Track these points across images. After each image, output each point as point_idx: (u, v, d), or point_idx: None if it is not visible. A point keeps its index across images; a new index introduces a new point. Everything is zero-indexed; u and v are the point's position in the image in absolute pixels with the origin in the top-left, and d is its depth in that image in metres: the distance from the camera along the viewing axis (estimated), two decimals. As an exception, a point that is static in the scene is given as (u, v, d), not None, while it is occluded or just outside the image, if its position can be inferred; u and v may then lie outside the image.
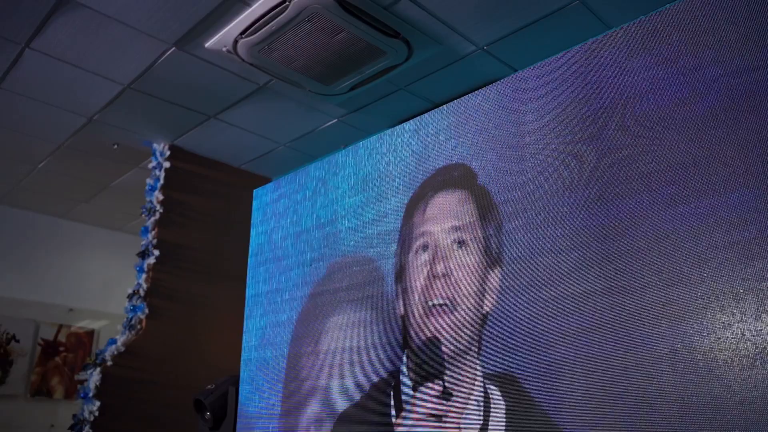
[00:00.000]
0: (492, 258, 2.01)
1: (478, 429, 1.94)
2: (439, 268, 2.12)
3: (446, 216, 2.24)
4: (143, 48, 3.72)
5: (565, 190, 1.91)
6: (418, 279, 2.22)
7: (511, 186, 2.04)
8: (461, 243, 2.10)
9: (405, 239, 2.37)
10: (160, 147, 4.94)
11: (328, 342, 2.65)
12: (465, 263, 2.07)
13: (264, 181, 5.42)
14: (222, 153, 5.10)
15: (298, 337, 2.86)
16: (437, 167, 2.45)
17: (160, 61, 3.84)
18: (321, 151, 4.98)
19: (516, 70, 3.90)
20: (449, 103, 2.59)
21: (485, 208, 2.09)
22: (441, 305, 2.11)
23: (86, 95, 4.25)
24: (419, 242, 2.27)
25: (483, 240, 2.05)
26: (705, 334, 1.53)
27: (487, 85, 3.93)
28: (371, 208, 2.70)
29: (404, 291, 2.31)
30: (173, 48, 3.71)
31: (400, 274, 2.35)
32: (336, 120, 4.54)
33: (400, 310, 2.31)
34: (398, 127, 2.77)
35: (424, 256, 2.21)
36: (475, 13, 3.37)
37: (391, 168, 2.70)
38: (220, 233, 5.04)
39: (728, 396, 1.45)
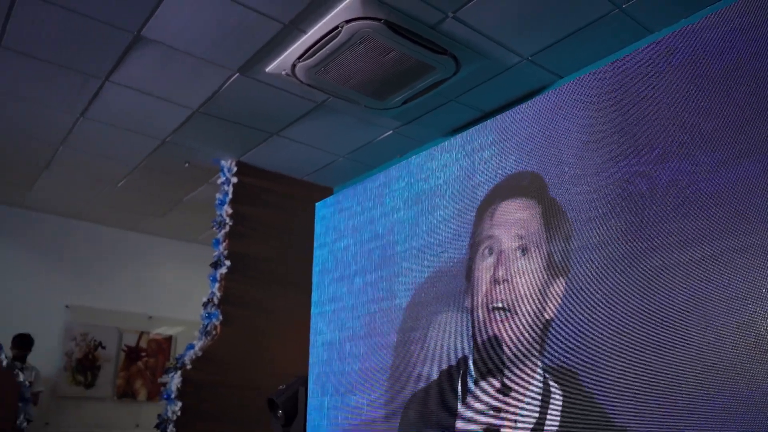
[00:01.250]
0: (556, 267, 2.12)
1: (533, 423, 2.10)
2: (501, 272, 2.25)
3: (512, 222, 2.36)
4: (210, 75, 4.02)
5: (630, 207, 2.00)
6: (482, 281, 2.37)
7: (579, 201, 2.14)
8: (524, 250, 2.22)
9: (474, 241, 2.51)
10: (228, 164, 5.27)
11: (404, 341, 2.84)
12: (526, 270, 2.20)
13: (326, 191, 5.69)
14: (286, 167, 5.39)
15: (371, 347, 3.05)
16: (481, 180, 2.62)
17: (225, 86, 4.13)
18: (379, 160, 5.20)
19: (562, 77, 4.02)
20: (493, 118, 2.75)
21: (552, 219, 2.20)
22: (501, 309, 2.25)
23: (160, 120, 4.60)
24: (485, 245, 2.41)
25: (547, 249, 2.16)
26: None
27: (534, 92, 4.11)
28: (424, 220, 2.89)
29: (471, 289, 2.46)
30: (237, 74, 4.00)
31: (469, 273, 2.49)
32: (391, 132, 4.75)
33: (468, 306, 2.46)
34: (446, 142, 2.95)
35: (489, 260, 2.35)
36: (518, 27, 3.52)
37: (440, 182, 2.88)
38: (286, 242, 5.32)
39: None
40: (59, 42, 3.72)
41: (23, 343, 5.54)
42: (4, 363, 3.87)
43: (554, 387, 2.07)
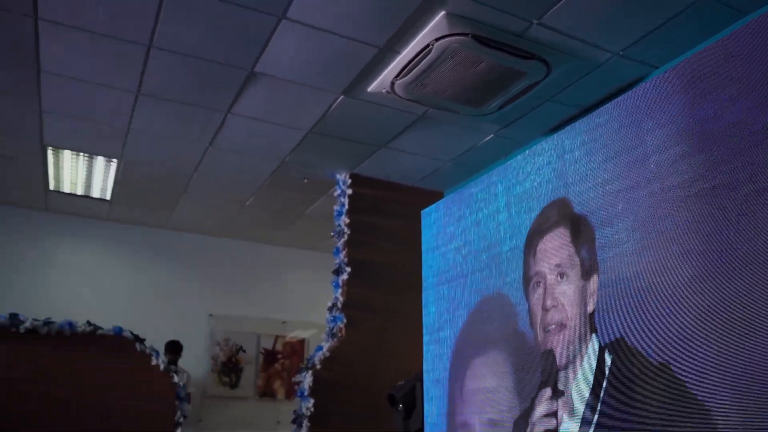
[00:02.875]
0: (589, 270, 2.45)
1: (582, 412, 2.38)
2: (548, 302, 2.66)
3: (549, 256, 2.73)
4: (317, 99, 4.39)
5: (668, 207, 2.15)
6: (536, 310, 2.78)
7: (618, 210, 2.34)
8: (563, 275, 2.61)
9: (526, 276, 2.89)
10: (343, 177, 5.64)
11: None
12: (567, 292, 2.57)
13: (437, 195, 5.92)
14: (396, 175, 5.69)
15: (478, 343, 3.28)
16: (572, 181, 2.76)
17: (332, 107, 4.49)
18: (484, 163, 5.38)
19: (657, 67, 4.02)
20: (581, 120, 2.88)
21: (579, 235, 2.54)
22: (554, 328, 2.62)
23: (278, 143, 5.05)
24: (534, 280, 2.81)
25: (579, 263, 2.51)
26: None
27: (632, 84, 4.13)
28: (522, 221, 3.06)
29: (530, 317, 2.84)
30: (342, 96, 4.34)
31: (527, 299, 2.86)
32: (492, 135, 4.91)
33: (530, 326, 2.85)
34: (538, 145, 3.10)
35: (539, 291, 2.76)
36: (604, 25, 3.59)
37: (535, 184, 3.04)
38: (402, 246, 5.60)
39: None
40: (186, 84, 4.23)
41: (174, 349, 6.23)
42: (162, 366, 4.43)
43: (601, 372, 2.33)
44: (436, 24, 3.55)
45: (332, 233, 5.59)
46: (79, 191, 6.30)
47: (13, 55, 3.98)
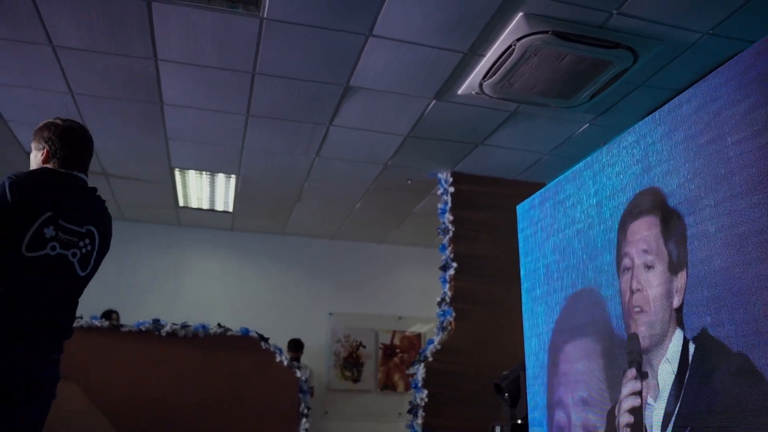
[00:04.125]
0: (677, 265, 2.47)
1: (666, 395, 2.43)
2: (635, 284, 2.72)
3: (639, 241, 2.76)
4: (411, 106, 4.61)
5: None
6: (625, 291, 2.84)
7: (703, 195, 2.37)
8: (649, 266, 2.64)
9: (619, 255, 2.92)
10: (444, 175, 5.83)
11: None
12: (652, 281, 2.62)
13: (538, 187, 5.96)
14: (496, 170, 5.80)
15: (572, 331, 3.38)
16: (656, 172, 2.81)
17: (426, 112, 4.69)
18: (583, 151, 5.35)
19: (753, 42, 3.90)
20: (661, 108, 2.91)
21: (669, 227, 2.54)
22: (638, 312, 2.68)
23: (379, 148, 5.32)
24: (624, 262, 2.86)
25: (667, 255, 2.53)
26: None
27: (724, 62, 4.02)
28: (610, 211, 3.13)
29: (620, 294, 2.91)
30: (434, 100, 4.54)
31: (619, 279, 2.93)
32: (588, 125, 4.93)
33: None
34: (619, 137, 3.16)
35: (627, 275, 2.82)
36: (689, 6, 3.54)
37: (620, 175, 3.10)
38: (506, 240, 5.69)
39: None
40: (289, 103, 4.58)
41: (296, 347, 6.69)
42: (285, 363, 4.83)
43: (684, 360, 2.40)
44: (515, 25, 3.66)
45: (438, 231, 5.79)
46: (205, 206, 6.91)
47: (140, 91, 4.49)
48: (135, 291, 7.10)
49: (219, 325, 4.85)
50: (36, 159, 2.42)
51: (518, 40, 3.75)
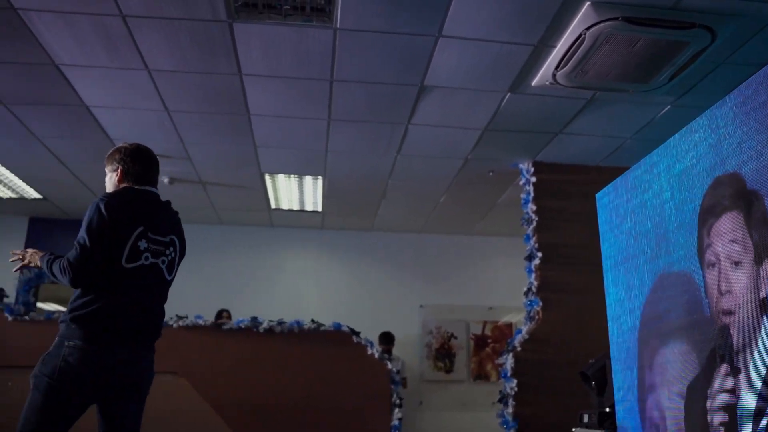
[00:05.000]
0: (762, 253, 2.36)
1: (759, 387, 2.36)
2: (723, 286, 2.62)
3: (724, 240, 2.65)
4: (486, 100, 4.67)
5: None
6: (712, 290, 2.75)
7: None
8: (737, 263, 2.53)
9: (700, 248, 2.83)
10: (526, 166, 5.85)
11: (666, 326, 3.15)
12: (741, 279, 2.51)
13: (621, 171, 5.85)
14: (578, 157, 5.75)
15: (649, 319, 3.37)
16: (727, 157, 2.77)
17: (502, 105, 4.74)
18: (666, 134, 5.21)
19: (844, 11, 3.72)
20: (731, 93, 2.86)
21: (751, 215, 2.43)
22: (727, 311, 2.59)
23: (458, 143, 5.41)
24: (708, 259, 2.75)
25: (753, 247, 2.42)
26: None
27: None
28: (682, 204, 3.10)
29: (705, 288, 2.81)
30: (508, 93, 4.58)
31: (703, 274, 2.83)
32: (669, 106, 4.82)
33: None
34: (693, 122, 3.12)
35: (714, 272, 2.71)
36: (768, -19, 3.44)
37: (694, 161, 3.07)
38: (590, 227, 5.65)
39: None
40: (367, 105, 4.76)
41: (388, 339, 6.89)
42: (376, 355, 5.02)
43: None
44: (584, 15, 3.66)
45: (521, 221, 5.82)
46: (295, 207, 7.23)
47: (228, 104, 4.79)
48: (236, 290, 7.53)
49: (312, 320, 5.10)
50: (112, 180, 2.73)
51: (588, 29, 3.74)
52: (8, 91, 4.66)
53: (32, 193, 6.87)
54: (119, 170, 2.69)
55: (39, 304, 6.87)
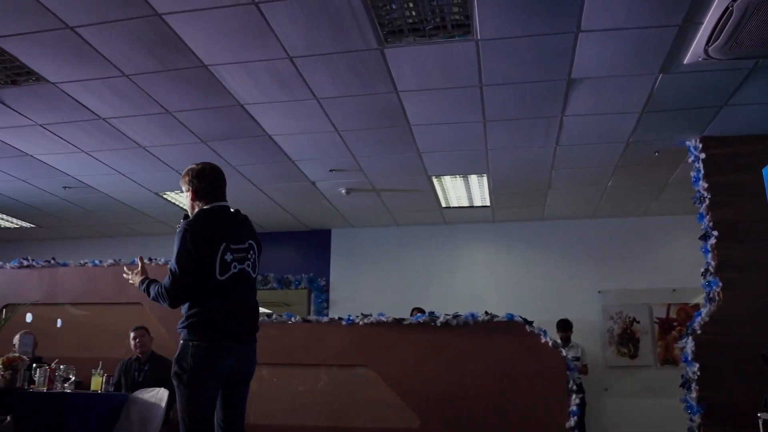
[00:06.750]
0: None
1: None
2: None
3: None
4: (638, 84, 4.66)
5: None
6: None
7: None
8: None
9: None
10: (693, 142, 5.67)
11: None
12: None
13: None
14: (750, 128, 5.45)
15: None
16: None
17: (656, 87, 4.70)
18: None
19: None
20: None
21: None
22: None
23: (616, 129, 5.42)
24: None
25: None
26: None
27: None
28: None
29: None
30: (660, 75, 4.54)
31: None
32: None
33: None
34: None
35: None
36: None
37: None
38: (771, 200, 5.36)
39: None
40: (519, 104, 4.96)
41: (565, 327, 6.96)
42: (550, 343, 5.17)
43: None
44: (727, -11, 3.60)
45: (693, 199, 5.65)
46: (465, 204, 7.55)
47: (389, 119, 5.24)
48: (416, 288, 8.03)
49: (486, 312, 5.36)
50: (187, 198, 3.19)
51: (734, 1, 3.66)
52: (205, 130, 5.49)
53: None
54: (190, 190, 3.16)
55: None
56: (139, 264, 3.35)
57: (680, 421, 5.20)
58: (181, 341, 2.97)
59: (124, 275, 3.42)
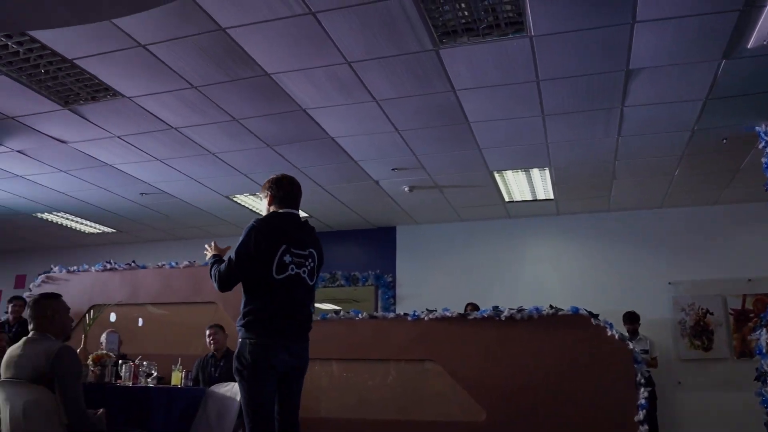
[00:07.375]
0: None
1: None
2: None
3: None
4: (700, 71, 4.57)
5: None
6: None
7: None
8: None
9: None
10: (763, 127, 5.49)
11: None
12: None
13: None
14: (825, 110, 5.27)
15: None
16: None
17: (719, 73, 4.59)
18: None
19: None
20: None
21: None
22: None
23: (681, 117, 5.32)
24: None
25: None
26: None
27: None
28: None
29: None
30: (723, 61, 4.44)
31: None
32: None
33: None
34: None
35: None
36: None
37: None
38: None
39: None
40: (576, 97, 4.95)
41: (632, 319, 6.84)
42: (617, 336, 5.11)
43: None
44: (789, -29, 3.51)
45: (765, 187, 5.48)
46: (528, 197, 7.53)
47: (448, 117, 5.32)
48: (482, 282, 8.06)
49: (551, 306, 5.36)
50: (264, 203, 3.37)
51: (798, -18, 3.57)
52: (271, 135, 5.71)
53: (300, 213, 8.10)
54: (269, 195, 3.34)
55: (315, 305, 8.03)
56: (213, 244, 3.57)
57: (758, 415, 5.07)
58: (240, 339, 3.13)
59: (205, 247, 3.61)
